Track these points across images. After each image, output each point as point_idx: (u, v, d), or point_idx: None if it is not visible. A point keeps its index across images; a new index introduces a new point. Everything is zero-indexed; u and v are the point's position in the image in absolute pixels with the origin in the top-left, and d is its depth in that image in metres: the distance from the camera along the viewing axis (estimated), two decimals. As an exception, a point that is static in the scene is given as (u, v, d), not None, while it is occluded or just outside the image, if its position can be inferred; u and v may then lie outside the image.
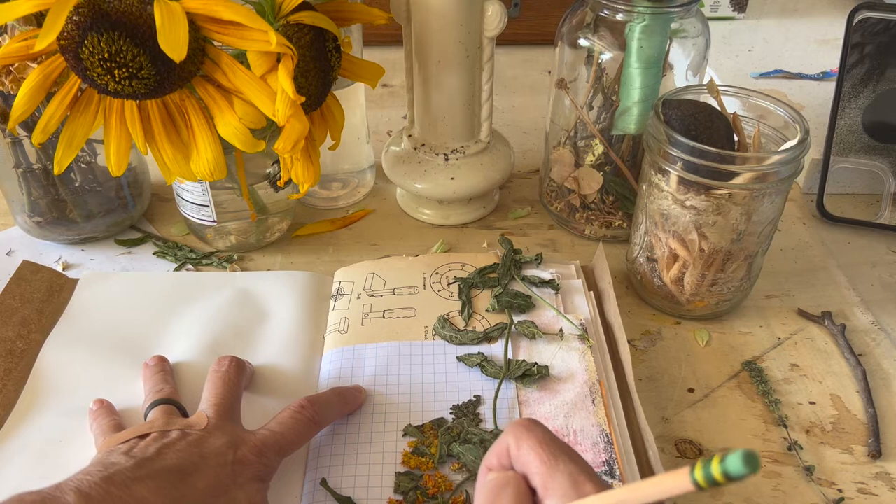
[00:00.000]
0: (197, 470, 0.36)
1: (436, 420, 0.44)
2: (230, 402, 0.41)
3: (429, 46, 0.55)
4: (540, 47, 0.94)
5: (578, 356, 0.47)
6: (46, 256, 0.59)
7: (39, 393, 0.46)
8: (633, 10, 0.51)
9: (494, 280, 0.54)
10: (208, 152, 0.44)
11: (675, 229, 0.49)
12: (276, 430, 0.40)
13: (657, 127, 0.48)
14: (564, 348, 0.48)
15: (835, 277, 0.58)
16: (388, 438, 0.43)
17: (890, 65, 0.61)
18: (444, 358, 0.48)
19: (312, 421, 0.41)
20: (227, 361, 0.44)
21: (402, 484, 0.40)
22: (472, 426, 0.43)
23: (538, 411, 0.44)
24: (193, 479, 0.35)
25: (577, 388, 0.45)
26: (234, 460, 0.37)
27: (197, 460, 0.36)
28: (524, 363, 0.47)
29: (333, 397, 0.43)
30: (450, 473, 0.41)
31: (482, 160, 0.60)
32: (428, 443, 0.42)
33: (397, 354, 0.48)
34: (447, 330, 0.49)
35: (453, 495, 0.40)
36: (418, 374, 0.47)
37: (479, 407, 0.45)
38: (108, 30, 0.38)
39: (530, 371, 0.46)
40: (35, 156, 0.55)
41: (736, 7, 0.95)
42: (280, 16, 0.44)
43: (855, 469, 0.44)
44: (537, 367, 0.46)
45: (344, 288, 0.54)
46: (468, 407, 0.45)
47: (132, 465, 0.35)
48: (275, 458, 0.39)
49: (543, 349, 0.48)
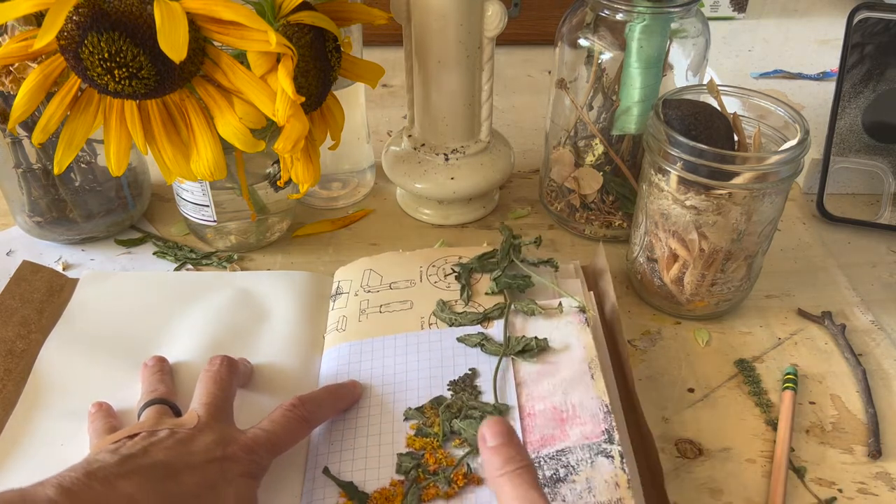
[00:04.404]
0: (184, 466, 0.35)
1: (434, 399, 0.44)
2: (221, 402, 0.41)
3: (429, 46, 0.55)
4: (540, 47, 0.94)
5: (578, 329, 0.47)
6: (46, 256, 0.59)
7: (40, 393, 0.46)
8: (633, 10, 0.51)
9: (493, 265, 0.53)
10: (208, 152, 0.44)
11: (675, 229, 0.49)
12: (268, 429, 0.40)
13: (657, 127, 0.48)
14: (563, 322, 0.48)
15: (835, 277, 0.58)
16: (388, 425, 0.43)
17: (890, 65, 0.61)
18: (439, 344, 0.48)
19: (304, 419, 0.41)
20: (219, 361, 0.44)
21: (403, 464, 0.40)
22: (471, 400, 0.43)
23: (536, 391, 0.44)
24: (180, 475, 0.35)
25: (576, 364, 0.45)
26: (223, 457, 0.37)
27: (184, 457, 0.36)
28: (523, 338, 0.46)
29: (325, 395, 0.43)
30: (452, 449, 0.41)
31: (482, 160, 0.60)
32: (430, 423, 0.43)
33: (393, 346, 0.48)
34: (446, 313, 0.49)
35: (455, 469, 0.40)
36: (415, 362, 0.47)
37: (476, 379, 0.45)
38: (108, 30, 0.38)
39: (529, 345, 0.46)
40: (35, 156, 0.55)
41: (736, 7, 0.95)
42: (280, 16, 0.44)
43: (855, 469, 0.44)
44: (536, 340, 0.46)
45: (342, 287, 0.54)
46: (465, 381, 0.45)
47: (117, 460, 0.34)
48: (266, 456, 0.39)
49: (542, 325, 0.48)
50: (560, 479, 0.38)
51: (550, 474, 0.39)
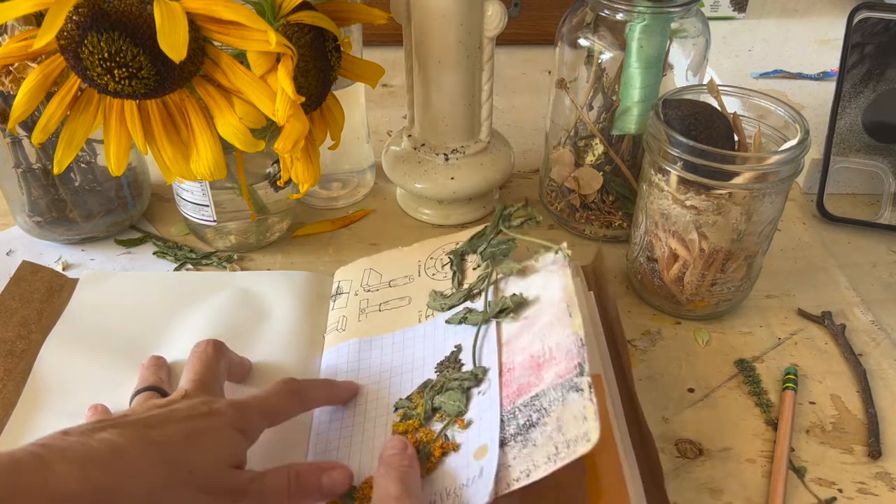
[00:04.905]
0: (167, 420, 0.35)
1: (423, 383, 0.44)
2: (208, 378, 0.41)
3: (429, 46, 0.55)
4: (540, 47, 0.94)
5: (557, 275, 0.45)
6: (46, 256, 0.59)
7: (39, 393, 0.46)
8: (634, 10, 0.51)
9: (483, 241, 0.52)
10: (208, 152, 0.44)
11: (676, 229, 0.49)
12: (259, 395, 0.40)
13: (657, 127, 0.48)
14: (543, 273, 0.46)
15: (835, 277, 0.58)
16: (381, 419, 0.43)
17: (890, 65, 0.61)
18: (433, 332, 0.47)
19: (296, 392, 0.41)
20: (205, 343, 0.44)
21: None
22: (454, 374, 0.43)
23: (518, 346, 0.42)
24: (163, 426, 0.34)
25: (555, 306, 0.42)
26: (209, 412, 0.36)
27: (167, 414, 0.35)
28: (502, 299, 0.45)
29: (321, 381, 0.44)
30: (433, 424, 0.41)
31: (482, 160, 0.60)
32: (415, 406, 0.42)
33: (391, 343, 0.48)
34: (438, 301, 0.49)
35: (433, 444, 0.39)
36: (410, 355, 0.46)
37: (460, 354, 0.44)
38: (107, 29, 0.38)
39: (506, 305, 0.44)
40: (35, 156, 0.55)
41: (736, 7, 0.95)
42: (280, 16, 0.44)
43: (855, 469, 0.44)
44: (513, 297, 0.45)
45: (342, 287, 0.54)
46: (450, 358, 0.44)
47: (92, 424, 0.34)
48: (255, 418, 0.38)
49: (524, 282, 0.46)
50: (532, 425, 0.37)
51: (524, 422, 0.37)
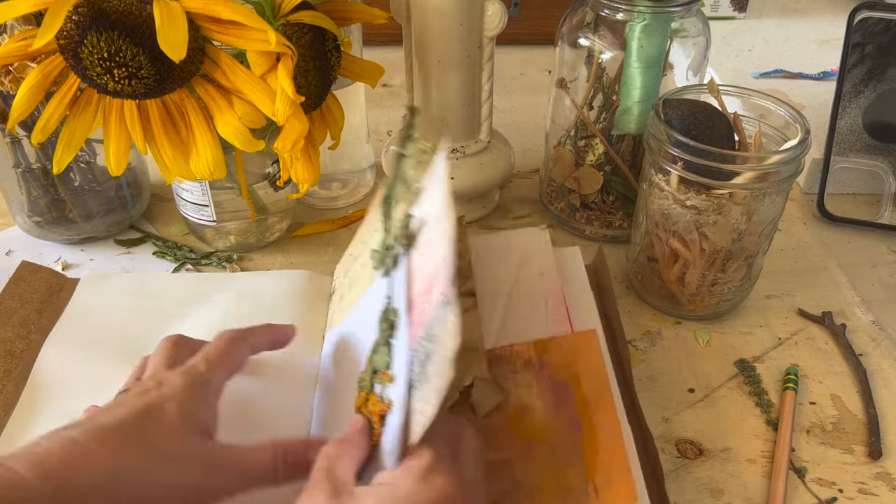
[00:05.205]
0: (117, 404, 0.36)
1: (371, 349, 0.40)
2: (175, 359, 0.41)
3: (429, 46, 0.55)
4: (540, 47, 0.94)
5: (437, 175, 0.39)
6: (46, 256, 0.59)
7: (39, 393, 0.46)
8: (634, 10, 0.51)
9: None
10: (208, 152, 0.44)
11: (676, 229, 0.49)
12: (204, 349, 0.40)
13: (657, 127, 0.48)
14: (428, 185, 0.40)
15: (835, 277, 0.58)
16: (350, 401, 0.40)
17: (890, 65, 0.61)
18: (375, 290, 0.43)
19: (239, 337, 0.41)
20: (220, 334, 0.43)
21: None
22: (386, 328, 0.39)
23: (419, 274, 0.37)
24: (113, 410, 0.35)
25: (434, 221, 0.37)
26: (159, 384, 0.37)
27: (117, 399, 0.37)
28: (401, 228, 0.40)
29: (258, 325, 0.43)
30: (378, 388, 0.38)
31: (482, 160, 0.60)
32: (364, 375, 0.40)
33: (355, 318, 0.46)
34: (374, 257, 0.43)
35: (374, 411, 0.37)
36: (364, 324, 0.43)
37: (392, 303, 0.39)
38: (107, 29, 0.38)
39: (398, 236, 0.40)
40: (34, 155, 0.55)
41: (736, 7, 0.95)
42: (280, 15, 0.44)
43: (855, 469, 0.44)
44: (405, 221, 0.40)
45: (335, 284, 0.54)
46: (384, 311, 0.40)
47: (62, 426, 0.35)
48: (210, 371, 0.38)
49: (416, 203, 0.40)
50: (428, 359, 0.34)
51: (424, 357, 0.34)
